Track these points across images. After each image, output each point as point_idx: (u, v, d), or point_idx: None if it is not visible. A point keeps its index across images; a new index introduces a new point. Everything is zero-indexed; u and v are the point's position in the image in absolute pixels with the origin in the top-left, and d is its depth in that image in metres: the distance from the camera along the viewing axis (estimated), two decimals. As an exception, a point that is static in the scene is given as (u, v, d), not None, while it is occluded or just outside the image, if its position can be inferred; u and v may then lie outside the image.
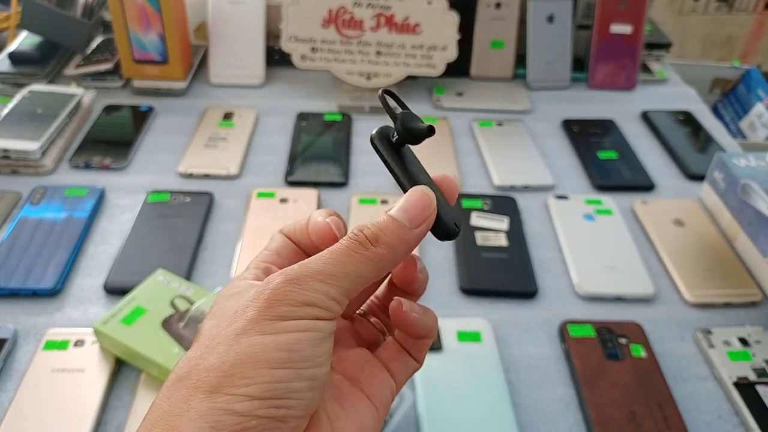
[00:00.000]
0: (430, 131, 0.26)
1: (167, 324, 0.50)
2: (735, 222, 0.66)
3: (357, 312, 0.30)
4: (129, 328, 0.50)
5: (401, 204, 0.25)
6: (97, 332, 0.50)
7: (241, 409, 0.20)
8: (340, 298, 0.23)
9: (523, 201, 0.71)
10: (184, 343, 0.49)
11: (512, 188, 0.73)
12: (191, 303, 0.53)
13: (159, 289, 0.54)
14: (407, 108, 0.28)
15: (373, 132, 0.28)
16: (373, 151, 0.28)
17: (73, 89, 0.81)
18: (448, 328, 0.54)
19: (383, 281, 0.31)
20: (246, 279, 0.27)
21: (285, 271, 0.23)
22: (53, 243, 0.61)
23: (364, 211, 0.67)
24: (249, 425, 0.20)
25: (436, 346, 0.53)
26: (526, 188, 0.73)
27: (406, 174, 0.27)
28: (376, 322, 0.30)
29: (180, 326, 0.50)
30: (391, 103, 0.28)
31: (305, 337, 0.22)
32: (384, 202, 0.69)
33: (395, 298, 0.27)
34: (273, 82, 0.92)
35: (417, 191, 0.26)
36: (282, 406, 0.21)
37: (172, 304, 0.52)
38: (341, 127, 0.82)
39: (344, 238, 0.25)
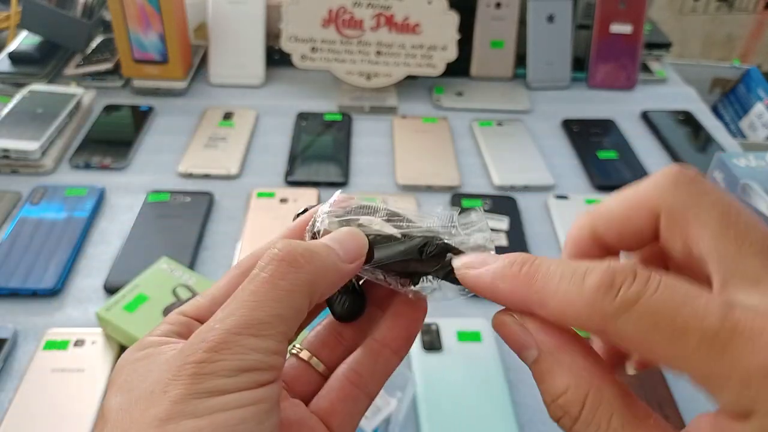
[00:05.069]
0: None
1: (168, 312, 0.51)
2: (735, 222, 0.65)
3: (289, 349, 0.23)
4: (131, 315, 0.50)
5: (331, 235, 0.22)
6: (99, 318, 0.51)
7: None
8: (281, 347, 0.19)
9: (523, 201, 0.71)
10: None
11: (512, 188, 0.73)
12: (193, 292, 0.53)
13: (162, 277, 0.54)
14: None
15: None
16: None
17: (73, 89, 0.81)
18: (448, 328, 0.54)
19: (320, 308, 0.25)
20: (156, 336, 0.21)
21: (203, 335, 0.18)
22: (53, 243, 0.61)
23: (364, 211, 0.67)
24: None
25: (437, 346, 0.53)
26: (526, 188, 0.73)
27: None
28: (314, 362, 0.24)
29: None
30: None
31: (251, 414, 0.18)
32: (384, 202, 0.68)
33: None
34: (273, 82, 0.92)
35: (348, 229, 0.22)
36: None
37: (174, 293, 0.53)
38: (341, 127, 0.82)
39: (258, 265, 0.20)
